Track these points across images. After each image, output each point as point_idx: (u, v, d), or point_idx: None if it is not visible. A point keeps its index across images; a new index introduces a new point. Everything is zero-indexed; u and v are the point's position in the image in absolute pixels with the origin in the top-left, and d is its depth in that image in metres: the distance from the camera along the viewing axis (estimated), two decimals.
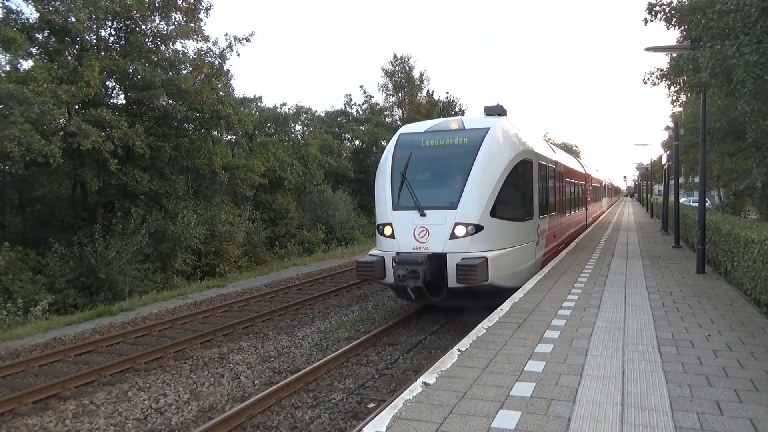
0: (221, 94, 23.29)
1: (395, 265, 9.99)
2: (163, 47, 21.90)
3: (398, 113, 45.41)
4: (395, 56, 45.55)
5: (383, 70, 45.20)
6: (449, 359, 5.67)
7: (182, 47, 22.68)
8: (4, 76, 17.30)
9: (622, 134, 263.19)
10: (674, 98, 16.10)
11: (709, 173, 24.22)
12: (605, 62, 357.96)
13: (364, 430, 4.25)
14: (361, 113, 45.75)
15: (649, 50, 10.83)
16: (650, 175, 44.78)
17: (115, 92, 22.31)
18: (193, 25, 21.98)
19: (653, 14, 10.87)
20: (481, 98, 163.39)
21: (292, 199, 32.58)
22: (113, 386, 8.30)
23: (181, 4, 21.81)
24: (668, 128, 21.47)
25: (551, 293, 9.14)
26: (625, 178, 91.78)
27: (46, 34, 19.28)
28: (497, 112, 12.23)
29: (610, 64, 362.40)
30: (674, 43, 12.17)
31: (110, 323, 12.54)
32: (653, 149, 77.53)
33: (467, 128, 11.12)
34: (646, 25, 11.01)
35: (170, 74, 21.20)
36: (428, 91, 46.69)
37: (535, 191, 12.21)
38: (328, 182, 35.87)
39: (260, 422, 6.82)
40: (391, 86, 45.38)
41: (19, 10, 20.50)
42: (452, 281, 9.75)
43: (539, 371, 5.23)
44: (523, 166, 11.37)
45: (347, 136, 44.41)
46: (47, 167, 17.82)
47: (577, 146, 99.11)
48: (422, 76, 46.11)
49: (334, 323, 11.86)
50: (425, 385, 4.92)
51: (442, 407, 4.41)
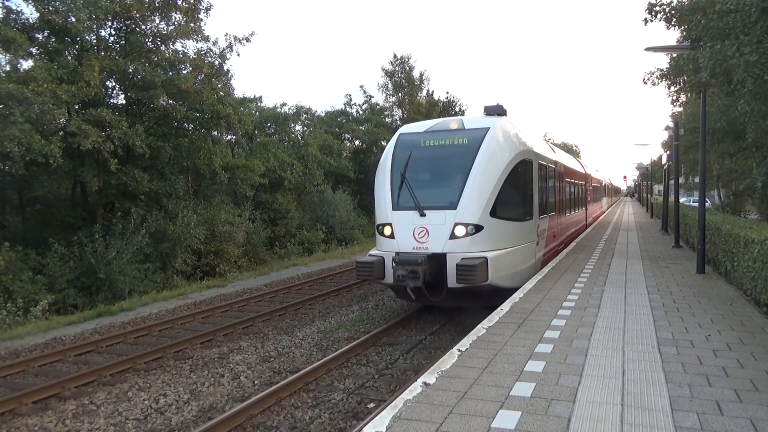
0: (221, 94, 23.30)
1: (395, 265, 9.98)
2: (163, 47, 21.92)
3: (398, 113, 45.43)
4: (395, 56, 45.66)
5: (383, 70, 45.30)
6: (449, 359, 5.67)
7: (182, 47, 22.76)
8: (4, 76, 17.31)
9: (622, 134, 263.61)
10: (674, 98, 16.13)
11: (709, 173, 24.23)
12: (605, 62, 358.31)
13: (364, 430, 4.25)
14: (361, 113, 45.78)
15: (649, 50, 10.83)
16: (650, 175, 44.79)
17: (115, 92, 22.35)
18: (193, 25, 22.00)
19: (653, 14, 10.88)
20: (481, 98, 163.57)
21: (292, 199, 32.59)
22: (113, 386, 8.31)
23: (181, 4, 21.83)
24: (668, 128, 21.47)
25: (551, 293, 9.14)
26: (625, 178, 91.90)
27: (46, 34, 19.30)
28: (497, 112, 12.21)
29: (610, 64, 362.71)
30: (674, 43, 12.18)
31: (110, 323, 12.54)
32: (653, 149, 77.63)
33: (467, 128, 11.10)
34: (646, 25, 11.03)
35: (170, 74, 21.21)
36: (428, 91, 46.78)
37: (535, 191, 12.20)
38: (328, 182, 35.88)
39: (260, 422, 6.82)
40: (391, 86, 45.43)
41: (19, 10, 20.55)
42: (452, 281, 9.74)
43: (539, 371, 5.23)
44: (523, 166, 11.36)
45: (347, 136, 44.44)
46: (47, 167, 17.83)
47: (577, 146, 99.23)
48: (422, 76, 46.23)
49: (334, 323, 11.86)
50: (425, 385, 4.92)
51: (442, 407, 4.41)
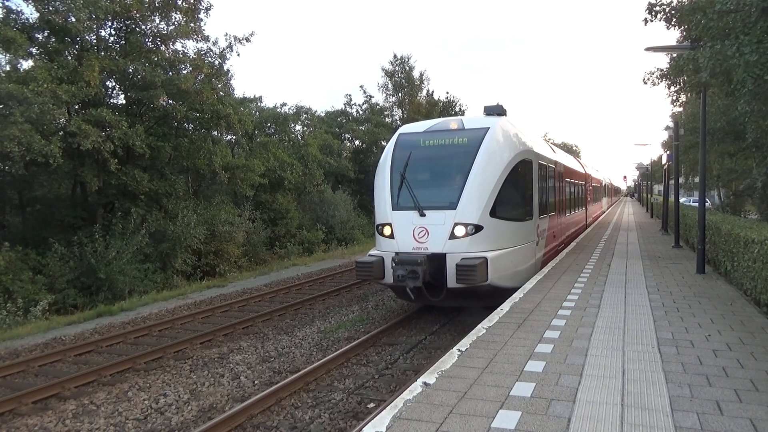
0: (221, 94, 23.30)
1: (395, 265, 9.98)
2: (163, 47, 21.92)
3: (398, 113, 45.43)
4: (395, 56, 45.65)
5: (383, 70, 45.29)
6: (449, 359, 5.67)
7: (182, 47, 22.76)
8: (4, 76, 17.31)
9: (622, 134, 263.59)
10: (674, 98, 16.13)
11: (709, 173, 24.23)
12: (605, 62, 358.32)
13: (364, 430, 4.24)
14: (361, 113, 45.78)
15: (649, 50, 10.83)
16: (650, 175, 44.79)
17: (115, 92, 22.34)
18: (193, 25, 22.00)
19: (653, 14, 10.88)
20: (481, 98, 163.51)
21: (292, 199, 32.58)
22: (113, 386, 8.30)
23: (181, 4, 21.83)
24: (668, 128, 21.48)
25: (551, 293, 9.14)
26: (625, 178, 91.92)
27: (46, 34, 19.30)
28: (497, 111, 12.20)
29: (610, 64, 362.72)
30: (674, 43, 12.18)
31: (110, 323, 12.54)
32: (653, 149, 77.61)
33: (467, 128, 11.09)
34: (646, 25, 11.03)
35: (170, 74, 21.21)
36: (428, 91, 46.77)
37: (534, 191, 12.19)
38: (328, 182, 35.88)
39: (260, 422, 6.82)
40: (391, 86, 45.42)
41: (19, 10, 20.56)
42: (452, 281, 9.73)
43: (539, 371, 5.23)
44: (522, 166, 11.36)
45: (347, 136, 44.44)
46: (47, 167, 17.83)
47: (577, 146, 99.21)
48: (422, 76, 46.21)
49: (334, 323, 11.86)
50: (425, 385, 4.92)
51: (442, 407, 4.41)
